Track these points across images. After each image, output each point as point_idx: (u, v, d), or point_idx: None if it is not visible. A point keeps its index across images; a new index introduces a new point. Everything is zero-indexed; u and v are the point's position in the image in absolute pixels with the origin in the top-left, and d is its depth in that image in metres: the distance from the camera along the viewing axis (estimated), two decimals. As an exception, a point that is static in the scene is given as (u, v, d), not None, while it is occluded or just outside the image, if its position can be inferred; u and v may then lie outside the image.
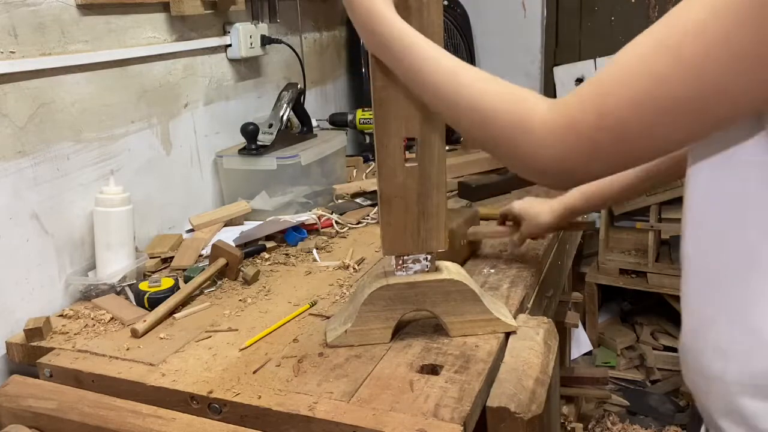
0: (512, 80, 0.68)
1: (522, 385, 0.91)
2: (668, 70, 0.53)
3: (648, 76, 0.54)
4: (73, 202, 1.30)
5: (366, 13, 0.81)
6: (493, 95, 0.67)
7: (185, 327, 1.14)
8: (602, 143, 0.58)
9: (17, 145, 1.18)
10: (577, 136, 0.59)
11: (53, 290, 1.26)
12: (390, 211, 1.00)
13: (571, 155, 0.60)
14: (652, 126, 0.55)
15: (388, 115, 0.95)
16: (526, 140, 0.63)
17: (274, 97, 1.79)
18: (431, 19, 0.92)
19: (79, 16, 1.30)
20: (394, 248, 1.02)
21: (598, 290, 2.65)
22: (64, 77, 1.27)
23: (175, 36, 1.56)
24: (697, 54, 0.51)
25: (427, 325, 1.08)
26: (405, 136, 0.97)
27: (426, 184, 0.99)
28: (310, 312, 1.17)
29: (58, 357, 1.06)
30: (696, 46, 0.51)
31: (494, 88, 0.68)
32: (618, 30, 2.59)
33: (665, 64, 0.53)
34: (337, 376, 0.96)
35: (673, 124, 0.55)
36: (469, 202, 1.68)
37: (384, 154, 0.97)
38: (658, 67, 0.54)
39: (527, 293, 1.22)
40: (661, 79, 0.53)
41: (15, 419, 0.98)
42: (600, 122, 0.57)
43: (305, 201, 1.69)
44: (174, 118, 1.57)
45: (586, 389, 2.18)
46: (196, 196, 1.66)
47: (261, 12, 1.84)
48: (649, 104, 0.55)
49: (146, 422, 0.90)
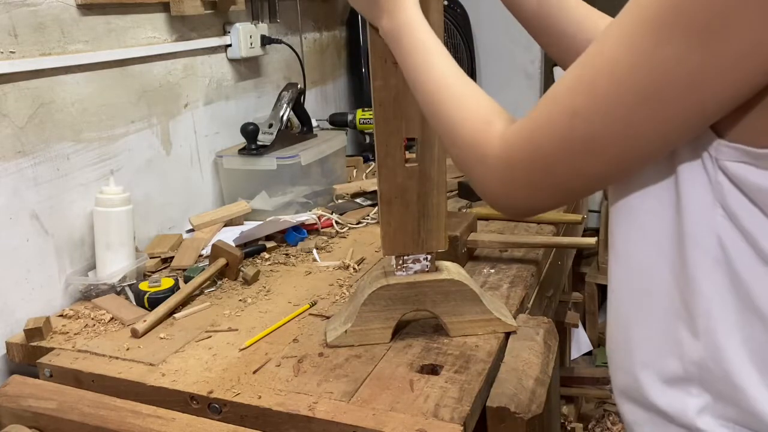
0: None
1: (522, 385, 0.91)
2: (584, 107, 0.53)
3: (568, 112, 0.55)
4: (73, 202, 1.30)
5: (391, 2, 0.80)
6: (466, 113, 0.67)
7: (185, 327, 1.14)
8: (535, 179, 0.59)
9: (17, 145, 1.18)
10: (512, 172, 0.60)
11: (53, 290, 1.26)
12: (390, 211, 1.00)
13: (512, 190, 0.62)
14: (577, 162, 0.56)
15: (388, 115, 0.95)
16: (479, 170, 0.64)
17: (274, 97, 1.79)
18: (432, 19, 0.91)
19: (79, 16, 1.30)
20: (394, 248, 1.02)
21: (598, 290, 2.65)
22: (64, 77, 1.27)
23: (175, 36, 1.56)
24: (609, 92, 0.52)
25: (427, 325, 1.08)
26: (405, 136, 0.97)
27: (426, 184, 0.99)
28: (310, 312, 1.17)
29: (58, 357, 1.06)
30: (608, 84, 0.52)
31: (469, 107, 0.67)
32: (618, 30, 2.59)
33: (582, 101, 0.54)
34: (337, 376, 0.96)
35: (597, 161, 0.55)
36: (469, 202, 1.68)
37: (384, 154, 0.97)
38: (576, 104, 0.54)
39: (527, 293, 1.22)
40: (578, 115, 0.54)
41: (15, 419, 0.98)
42: (532, 159, 0.58)
43: (305, 201, 1.69)
44: (174, 118, 1.57)
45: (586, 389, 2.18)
46: (196, 196, 1.66)
47: (261, 12, 1.84)
48: (570, 141, 0.55)
49: (146, 422, 0.90)
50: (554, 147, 0.56)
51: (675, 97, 0.50)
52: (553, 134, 0.56)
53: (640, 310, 0.63)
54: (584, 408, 2.33)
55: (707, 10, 0.46)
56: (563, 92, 0.56)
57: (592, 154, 0.55)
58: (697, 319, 0.58)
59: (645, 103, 0.51)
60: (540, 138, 0.57)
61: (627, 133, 0.53)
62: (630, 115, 0.52)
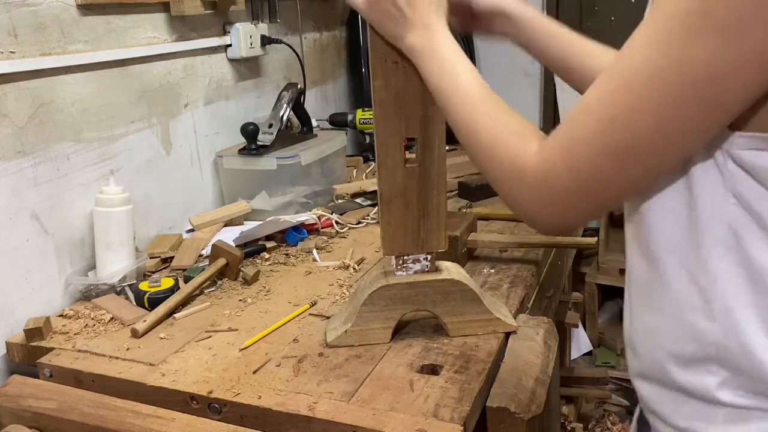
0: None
1: (522, 385, 0.91)
2: (622, 113, 0.56)
3: (605, 120, 0.57)
4: (73, 202, 1.30)
5: (419, 21, 0.82)
6: (502, 134, 0.69)
7: (185, 327, 1.14)
8: (574, 192, 0.61)
9: (17, 145, 1.18)
10: (550, 188, 0.63)
11: (53, 290, 1.26)
12: (390, 210, 1.00)
13: (549, 206, 0.64)
14: (617, 169, 0.58)
15: (388, 115, 0.95)
16: (516, 188, 0.66)
17: (274, 97, 1.79)
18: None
19: (79, 16, 1.30)
20: (394, 248, 1.02)
21: (598, 290, 2.65)
22: (64, 77, 1.27)
23: (175, 36, 1.56)
24: (645, 94, 0.55)
25: (427, 325, 1.08)
26: (405, 136, 0.97)
27: (426, 184, 0.99)
28: (310, 312, 1.17)
29: (58, 357, 1.06)
30: (643, 88, 0.54)
31: (504, 128, 0.70)
32: (618, 30, 2.59)
33: (619, 107, 0.56)
34: (337, 376, 0.96)
35: (637, 164, 0.58)
36: (468, 202, 1.68)
37: (384, 153, 0.97)
38: (613, 111, 0.56)
39: (527, 293, 1.22)
40: (617, 121, 0.56)
41: (15, 419, 0.98)
42: (570, 173, 0.61)
43: (305, 201, 1.69)
44: (174, 118, 1.57)
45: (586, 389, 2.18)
46: (196, 196, 1.66)
47: (261, 12, 1.84)
48: (610, 148, 0.57)
49: (146, 422, 0.90)
50: (593, 157, 0.59)
51: (708, 93, 0.52)
52: (591, 145, 0.58)
53: (658, 301, 0.67)
54: (584, 408, 2.33)
55: (732, 11, 0.49)
56: (596, 102, 0.58)
57: (633, 158, 0.57)
58: (713, 304, 0.62)
59: (680, 101, 0.53)
60: (579, 151, 0.59)
61: (664, 132, 0.55)
62: (667, 113, 0.54)
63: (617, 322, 2.79)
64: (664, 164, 0.59)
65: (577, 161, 0.60)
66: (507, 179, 0.68)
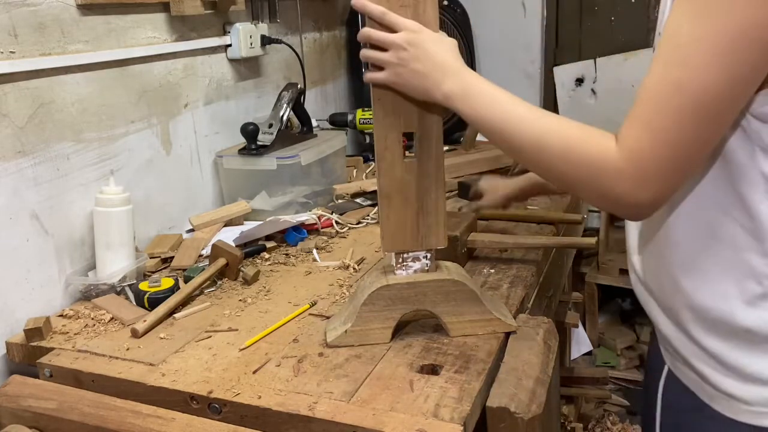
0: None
1: (522, 385, 0.91)
2: (691, 75, 0.66)
3: (678, 87, 0.67)
4: (73, 202, 1.30)
5: (448, 69, 0.89)
6: (575, 139, 0.77)
7: (185, 327, 1.14)
8: (666, 166, 0.70)
9: (17, 145, 1.18)
10: (645, 172, 0.71)
11: (53, 290, 1.26)
12: (389, 206, 1.00)
13: (643, 190, 0.72)
14: (699, 131, 0.68)
15: (386, 110, 0.96)
16: (603, 181, 0.74)
17: (274, 97, 1.79)
18: (426, 15, 0.92)
19: (79, 16, 1.30)
20: (394, 244, 1.02)
21: (598, 290, 2.65)
22: (64, 77, 1.27)
23: (175, 36, 1.56)
24: (702, 59, 0.66)
25: (427, 325, 1.08)
26: (403, 129, 0.97)
27: (425, 179, 0.99)
28: (310, 312, 1.17)
29: (58, 357, 1.06)
30: (698, 53, 0.66)
31: (573, 133, 0.78)
32: (618, 30, 2.59)
33: (691, 70, 0.66)
34: (337, 376, 0.96)
35: (711, 123, 0.68)
36: (468, 202, 1.68)
37: (383, 148, 0.97)
38: (683, 76, 0.67)
39: (527, 293, 1.22)
40: (684, 89, 0.67)
41: (15, 419, 0.98)
42: (662, 151, 0.70)
43: (305, 201, 1.69)
44: (174, 118, 1.57)
45: (586, 389, 2.18)
46: (196, 196, 1.66)
47: (261, 12, 1.84)
48: (690, 114, 0.67)
49: (146, 422, 0.90)
50: (675, 123, 0.68)
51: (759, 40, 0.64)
52: (670, 113, 0.68)
53: (713, 255, 0.78)
54: (584, 408, 2.33)
55: None
56: (662, 76, 0.69)
57: (707, 114, 0.67)
58: (765, 243, 0.74)
59: (738, 52, 0.64)
60: (660, 122, 0.69)
61: (730, 83, 0.66)
62: (729, 66, 0.65)
63: (617, 322, 2.79)
64: (730, 117, 0.69)
65: (662, 131, 0.69)
66: (593, 178, 0.75)
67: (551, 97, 2.73)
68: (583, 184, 0.77)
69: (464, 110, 0.88)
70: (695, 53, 0.66)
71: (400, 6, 0.91)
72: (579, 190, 0.79)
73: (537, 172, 0.86)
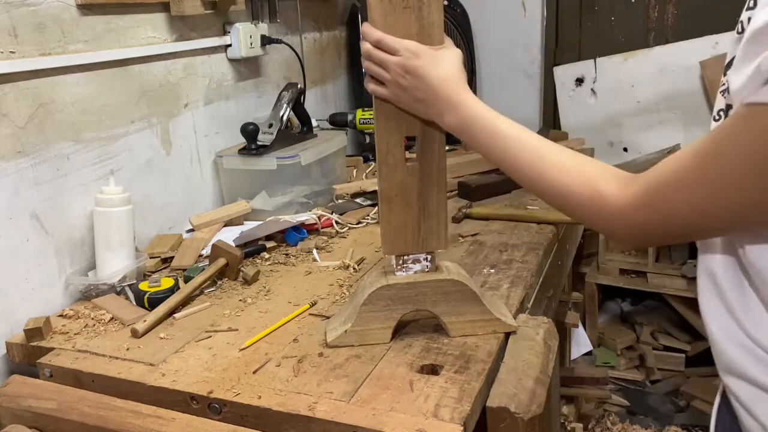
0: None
1: (522, 385, 0.91)
2: (715, 185, 0.64)
3: (703, 190, 0.66)
4: (73, 202, 1.30)
5: (446, 101, 0.89)
6: (573, 179, 0.79)
7: (185, 327, 1.14)
8: (657, 233, 0.73)
9: (17, 145, 1.18)
10: (646, 234, 0.74)
11: (53, 290, 1.26)
12: (390, 209, 1.00)
13: (644, 239, 0.80)
14: (708, 218, 0.67)
15: (388, 113, 0.96)
16: (601, 222, 0.77)
17: (274, 97, 1.79)
18: (431, 18, 0.92)
19: (79, 16, 1.30)
20: (395, 248, 1.02)
21: (598, 290, 2.65)
22: (64, 77, 1.27)
23: (175, 36, 1.56)
24: (736, 171, 0.62)
25: (427, 325, 1.08)
26: (405, 134, 0.97)
27: (426, 182, 0.99)
28: (310, 312, 1.17)
29: (58, 357, 1.06)
30: (736, 165, 0.62)
31: (572, 172, 0.79)
32: (618, 30, 2.59)
33: (714, 180, 0.64)
34: (337, 376, 0.96)
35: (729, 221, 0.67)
36: (469, 202, 1.68)
37: (384, 151, 0.97)
38: (707, 174, 0.65)
39: (527, 293, 1.22)
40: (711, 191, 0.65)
41: (15, 419, 0.98)
42: (666, 229, 0.71)
43: (305, 201, 1.69)
44: (174, 118, 1.57)
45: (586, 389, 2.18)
46: (196, 196, 1.66)
47: (261, 12, 1.84)
48: (707, 214, 0.67)
49: (146, 422, 0.90)
50: (689, 215, 0.68)
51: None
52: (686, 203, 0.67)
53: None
54: (584, 408, 2.33)
55: None
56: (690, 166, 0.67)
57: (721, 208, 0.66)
58: None
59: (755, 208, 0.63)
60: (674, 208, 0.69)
61: (736, 218, 0.66)
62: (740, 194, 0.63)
63: (617, 322, 2.79)
64: (736, 225, 0.68)
65: (668, 210, 0.69)
66: (588, 218, 0.79)
67: (551, 97, 2.73)
68: (576, 218, 0.82)
69: (466, 142, 0.90)
70: (720, 170, 0.64)
71: (404, 8, 0.91)
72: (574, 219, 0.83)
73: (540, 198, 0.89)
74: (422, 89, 0.90)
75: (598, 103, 2.65)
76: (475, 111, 0.88)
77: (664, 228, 0.71)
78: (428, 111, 0.92)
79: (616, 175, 0.77)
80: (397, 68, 0.91)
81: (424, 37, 0.92)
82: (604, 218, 0.77)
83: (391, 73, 0.92)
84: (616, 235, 0.77)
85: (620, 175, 0.77)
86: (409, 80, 0.90)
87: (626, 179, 0.75)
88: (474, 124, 0.88)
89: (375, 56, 0.93)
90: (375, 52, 0.92)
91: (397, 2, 0.91)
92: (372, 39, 0.92)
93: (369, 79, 0.96)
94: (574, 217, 0.82)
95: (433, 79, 0.89)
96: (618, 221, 0.75)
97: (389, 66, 0.92)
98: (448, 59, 0.91)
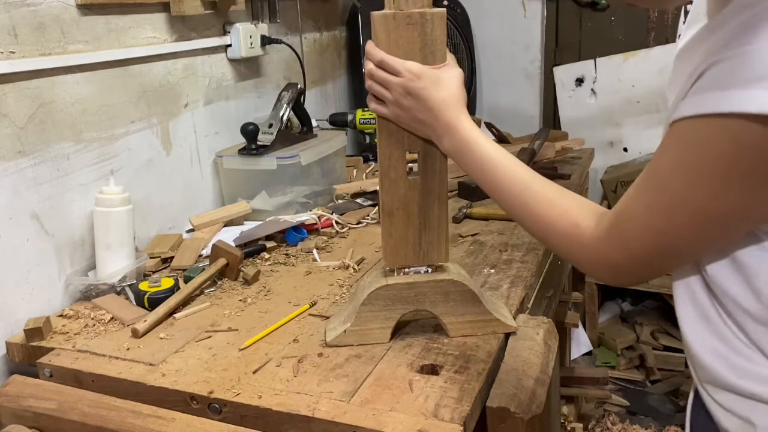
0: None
1: (522, 385, 0.91)
2: (665, 205, 0.65)
3: (655, 212, 0.66)
4: (73, 202, 1.30)
5: (445, 126, 0.90)
6: (554, 212, 0.80)
7: (185, 327, 1.14)
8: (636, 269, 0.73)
9: (17, 145, 1.18)
10: (615, 268, 0.74)
11: (53, 290, 1.26)
12: (392, 222, 1.01)
13: (614, 275, 0.76)
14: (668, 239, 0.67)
15: (390, 129, 0.96)
16: (576, 256, 0.78)
17: (274, 97, 1.79)
18: (434, 35, 0.92)
19: (79, 16, 1.30)
20: (396, 260, 1.03)
21: (598, 290, 2.65)
22: (64, 77, 1.27)
23: (175, 36, 1.56)
24: (680, 188, 0.63)
25: (427, 325, 1.08)
26: (407, 149, 0.97)
27: (428, 196, 1.00)
28: (310, 312, 1.17)
29: (58, 357, 1.06)
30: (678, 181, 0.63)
31: (553, 206, 0.80)
32: (618, 30, 2.59)
33: (663, 201, 0.65)
34: (337, 376, 0.96)
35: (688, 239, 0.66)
36: (469, 202, 1.68)
37: (386, 166, 0.98)
38: (657, 196, 0.66)
39: (527, 293, 1.22)
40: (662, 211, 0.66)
41: (15, 419, 0.98)
42: (631, 260, 0.71)
43: (305, 201, 1.69)
44: (174, 118, 1.57)
45: (586, 389, 2.18)
46: (196, 196, 1.66)
47: (261, 12, 1.84)
48: (664, 234, 0.67)
49: (146, 422, 0.90)
50: (652, 247, 0.69)
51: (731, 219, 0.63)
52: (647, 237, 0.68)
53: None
54: (584, 408, 2.33)
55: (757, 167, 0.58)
56: (639, 202, 0.68)
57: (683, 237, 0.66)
58: None
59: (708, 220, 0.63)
60: (636, 243, 0.69)
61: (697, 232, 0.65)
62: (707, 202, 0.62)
63: (617, 322, 2.79)
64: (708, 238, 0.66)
65: (628, 236, 0.69)
66: (564, 251, 0.80)
67: (551, 97, 2.73)
68: (556, 251, 0.84)
69: (459, 165, 0.92)
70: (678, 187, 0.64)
71: (407, 24, 0.91)
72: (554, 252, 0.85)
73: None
74: (423, 111, 0.91)
75: (598, 103, 2.65)
76: (469, 137, 0.89)
77: (629, 258, 0.71)
78: (427, 132, 0.94)
79: (594, 211, 0.78)
80: (398, 89, 0.91)
81: (427, 53, 0.92)
82: (577, 252, 0.78)
83: (393, 93, 0.92)
84: (590, 270, 0.78)
85: (597, 210, 0.78)
86: (410, 101, 0.91)
87: (600, 214, 0.76)
88: (466, 150, 0.89)
89: (377, 76, 0.93)
90: (377, 72, 0.93)
91: (401, 19, 0.91)
92: (375, 59, 0.93)
93: (371, 98, 0.96)
94: (554, 250, 0.83)
95: (434, 102, 0.90)
96: (590, 255, 0.76)
97: (391, 86, 0.92)
98: (449, 80, 0.92)
